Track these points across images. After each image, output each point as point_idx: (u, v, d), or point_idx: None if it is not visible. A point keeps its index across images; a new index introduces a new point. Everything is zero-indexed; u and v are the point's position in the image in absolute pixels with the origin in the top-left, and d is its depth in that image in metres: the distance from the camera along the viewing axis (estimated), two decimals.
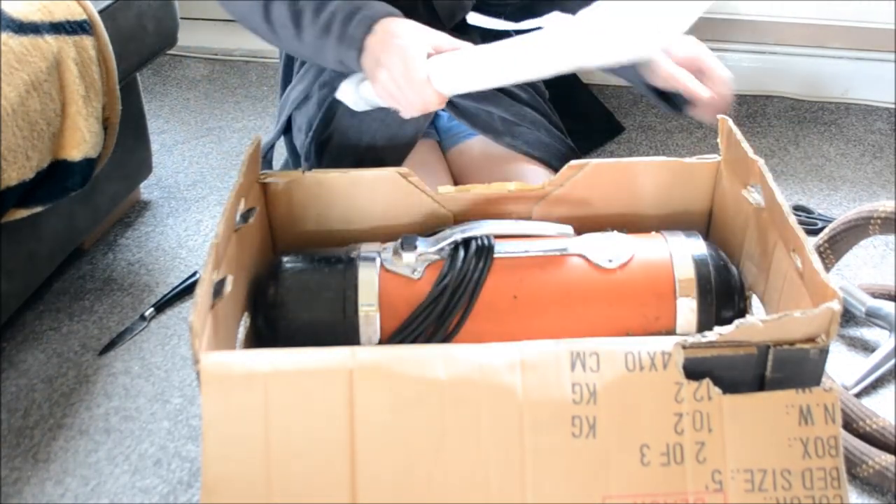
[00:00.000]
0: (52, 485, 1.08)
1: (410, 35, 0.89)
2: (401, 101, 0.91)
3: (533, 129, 1.15)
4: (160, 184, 1.69)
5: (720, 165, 0.99)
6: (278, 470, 0.70)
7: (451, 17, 1.07)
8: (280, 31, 0.96)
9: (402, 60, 0.88)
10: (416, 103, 0.91)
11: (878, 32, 1.89)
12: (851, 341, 1.29)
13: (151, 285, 1.42)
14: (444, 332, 0.86)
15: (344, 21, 0.91)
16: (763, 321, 0.70)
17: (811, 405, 0.72)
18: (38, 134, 1.13)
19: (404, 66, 0.88)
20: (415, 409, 0.70)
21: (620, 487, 0.70)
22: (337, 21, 0.92)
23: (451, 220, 0.98)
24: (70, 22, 1.18)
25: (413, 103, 0.91)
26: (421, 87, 0.88)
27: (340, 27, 0.91)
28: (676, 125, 1.86)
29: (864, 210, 1.21)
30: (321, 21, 0.92)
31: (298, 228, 1.00)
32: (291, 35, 0.95)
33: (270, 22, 0.96)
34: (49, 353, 1.28)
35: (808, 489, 0.71)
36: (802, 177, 1.70)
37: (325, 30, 0.92)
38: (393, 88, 0.90)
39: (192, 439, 1.14)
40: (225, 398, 0.70)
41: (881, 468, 1.04)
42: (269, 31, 0.98)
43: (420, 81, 0.88)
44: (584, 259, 0.89)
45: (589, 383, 0.71)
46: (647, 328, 0.87)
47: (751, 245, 0.93)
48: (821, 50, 1.95)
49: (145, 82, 2.04)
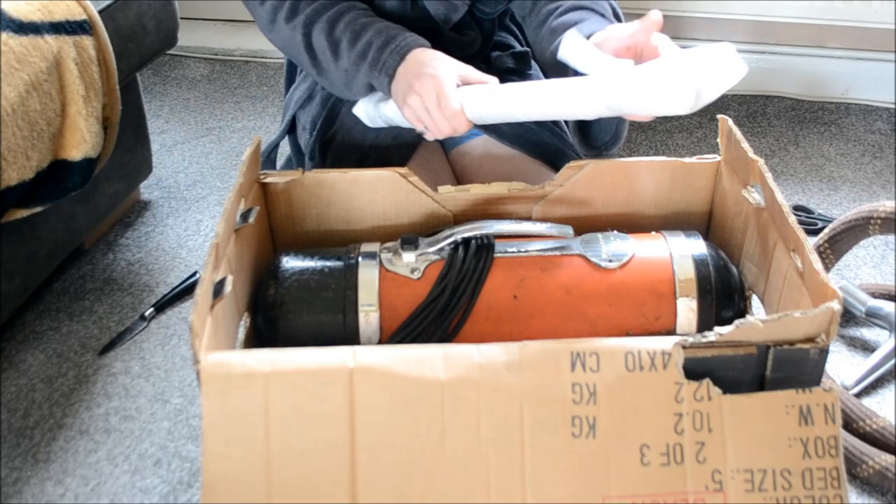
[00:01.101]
0: (52, 485, 1.08)
1: (442, 65, 0.95)
2: (430, 125, 0.96)
3: (535, 128, 1.15)
4: (160, 184, 1.69)
5: (720, 165, 0.99)
6: (278, 470, 0.70)
7: (446, 20, 1.08)
8: (321, 58, 1.03)
9: (436, 89, 0.93)
10: (445, 130, 0.96)
11: (878, 32, 1.89)
12: (851, 341, 1.29)
13: (151, 285, 1.42)
14: (444, 332, 0.86)
15: (379, 49, 0.98)
16: (763, 321, 0.70)
17: (811, 405, 0.72)
18: (38, 134, 1.13)
19: (438, 95, 0.93)
20: (415, 409, 0.70)
21: (620, 487, 0.70)
22: (373, 49, 0.99)
23: (451, 220, 0.98)
24: (70, 22, 1.18)
25: (442, 129, 0.96)
26: (453, 115, 0.94)
27: (375, 54, 0.98)
28: (676, 125, 1.86)
29: (864, 210, 1.21)
30: (357, 49, 1.00)
31: (298, 228, 1.00)
32: (330, 61, 1.02)
33: (312, 50, 1.03)
34: (49, 353, 1.28)
35: (808, 489, 0.71)
36: (802, 177, 1.70)
37: (362, 56, 0.99)
38: (423, 113, 0.95)
39: (192, 439, 1.14)
40: (225, 398, 0.70)
41: (881, 468, 1.04)
42: (311, 58, 1.04)
43: (453, 111, 0.93)
44: (584, 259, 0.89)
45: (589, 383, 0.71)
46: (647, 328, 0.87)
47: (751, 245, 0.93)
48: (821, 50, 1.95)
49: (145, 82, 2.04)
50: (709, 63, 0.82)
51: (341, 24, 1.01)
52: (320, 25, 1.02)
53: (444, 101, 0.93)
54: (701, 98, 0.82)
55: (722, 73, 0.82)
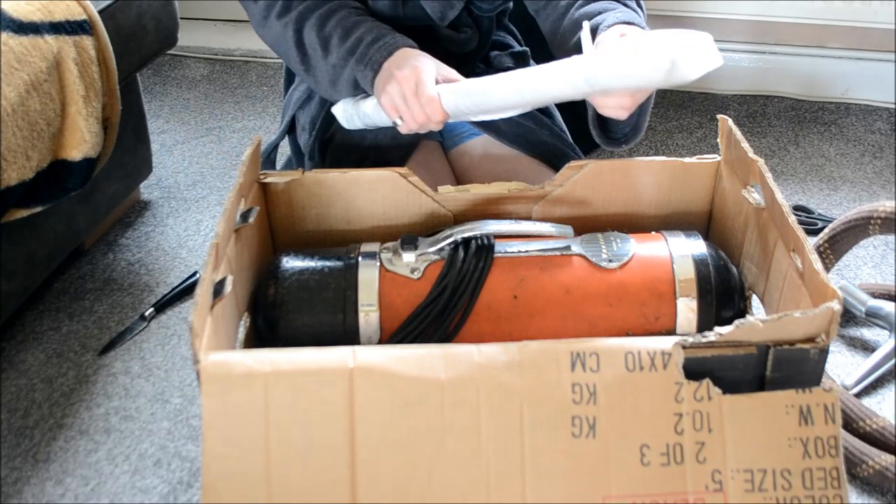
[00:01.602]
0: (52, 485, 1.08)
1: (425, 60, 0.96)
2: (405, 113, 0.95)
3: (535, 128, 1.15)
4: (160, 184, 1.69)
5: (720, 165, 0.99)
6: (278, 470, 0.70)
7: (443, 17, 1.08)
8: (310, 54, 1.04)
9: (415, 76, 0.93)
10: (419, 118, 0.95)
11: (878, 32, 1.89)
12: (851, 341, 1.29)
13: (151, 285, 1.42)
14: (444, 332, 0.86)
15: (368, 45, 0.99)
16: (763, 321, 0.70)
17: (811, 405, 0.72)
18: (38, 134, 1.13)
19: (416, 82, 0.93)
20: (415, 409, 0.70)
21: (620, 487, 0.70)
22: (362, 45, 1.00)
23: (451, 220, 0.98)
24: (70, 22, 1.18)
25: (416, 117, 0.95)
26: (429, 102, 0.93)
27: (364, 49, 0.99)
28: (676, 125, 1.86)
29: (864, 210, 1.21)
30: (347, 45, 1.01)
31: (298, 228, 1.00)
32: (319, 57, 1.03)
33: (303, 46, 1.04)
34: (49, 353, 1.28)
35: (808, 489, 0.71)
36: (802, 177, 1.70)
37: (350, 52, 1.00)
38: (399, 101, 0.95)
39: (192, 439, 1.14)
40: (225, 398, 0.70)
41: (881, 468, 1.04)
42: (300, 54, 1.05)
43: (429, 98, 0.93)
44: (584, 259, 0.89)
45: (589, 383, 0.71)
46: (647, 328, 0.87)
47: (751, 245, 0.93)
48: (821, 50, 1.95)
49: (145, 82, 2.04)
50: (685, 40, 0.81)
51: (332, 21, 1.02)
52: (312, 22, 1.03)
53: (422, 87, 0.93)
54: (677, 70, 0.80)
55: (698, 55, 0.81)
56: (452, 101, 0.93)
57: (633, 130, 1.00)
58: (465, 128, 1.20)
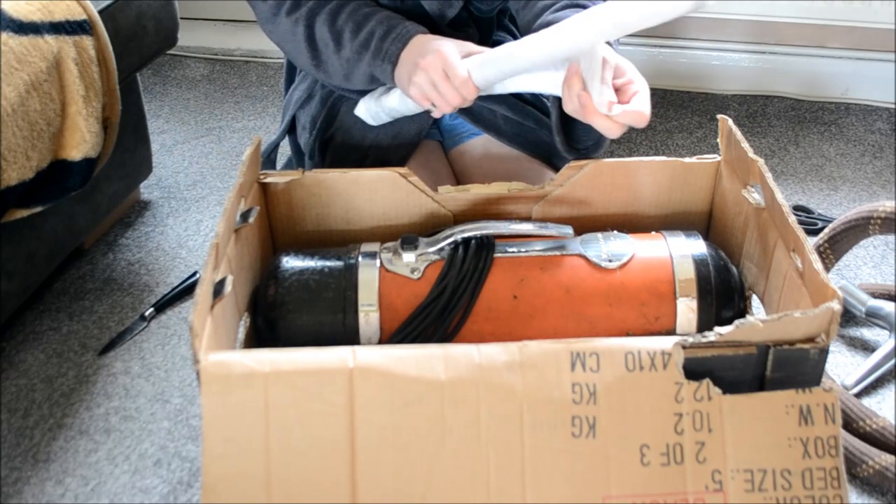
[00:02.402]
0: (52, 485, 1.08)
1: (445, 42, 0.96)
2: (437, 100, 0.96)
3: (536, 128, 1.15)
4: (160, 184, 1.69)
5: (720, 165, 0.99)
6: (278, 470, 0.70)
7: (442, 16, 1.08)
8: (322, 49, 1.04)
9: (441, 61, 0.94)
10: (454, 101, 0.95)
11: (878, 32, 1.89)
12: (851, 341, 1.29)
13: (151, 285, 1.42)
14: (444, 332, 0.86)
15: (381, 38, 0.99)
16: (763, 321, 0.70)
17: (811, 405, 0.72)
18: (38, 134, 1.13)
19: (444, 67, 0.94)
20: (415, 409, 0.70)
21: (620, 487, 0.70)
22: (375, 38, 1.00)
23: (451, 220, 0.98)
24: (70, 22, 1.18)
25: (451, 101, 0.96)
26: (463, 84, 0.94)
27: (378, 43, 0.99)
28: (676, 125, 1.86)
29: (864, 210, 1.21)
30: (360, 39, 1.01)
31: (298, 228, 1.00)
32: (331, 52, 1.03)
33: (314, 41, 1.04)
34: (49, 353, 1.28)
35: (808, 489, 0.71)
36: (802, 177, 1.70)
37: (364, 46, 1.00)
38: (429, 89, 0.95)
39: (192, 439, 1.14)
40: (225, 398, 0.70)
41: (881, 468, 1.04)
42: (311, 50, 1.05)
43: (462, 80, 0.93)
44: (584, 259, 0.89)
45: (589, 383, 0.71)
46: (647, 328, 0.87)
47: (751, 245, 0.93)
48: (821, 50, 1.95)
49: (145, 82, 2.04)
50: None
51: (343, 15, 1.03)
52: (323, 17, 1.03)
53: (452, 70, 0.93)
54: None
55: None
56: (481, 75, 0.94)
57: (594, 145, 1.03)
58: (465, 128, 1.20)
